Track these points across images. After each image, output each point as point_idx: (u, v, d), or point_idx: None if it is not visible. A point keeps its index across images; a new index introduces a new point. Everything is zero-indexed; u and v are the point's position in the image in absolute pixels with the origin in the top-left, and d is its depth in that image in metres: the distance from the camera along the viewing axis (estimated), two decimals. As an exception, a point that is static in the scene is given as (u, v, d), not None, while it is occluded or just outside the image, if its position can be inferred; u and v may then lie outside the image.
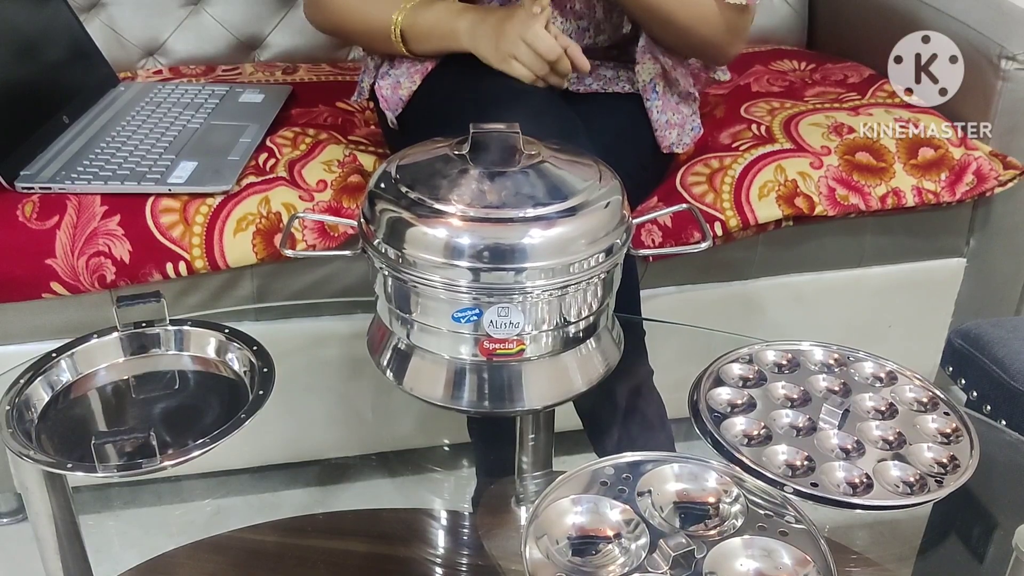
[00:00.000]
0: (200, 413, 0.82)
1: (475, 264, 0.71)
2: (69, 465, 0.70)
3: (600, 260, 0.74)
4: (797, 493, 0.70)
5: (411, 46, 1.16)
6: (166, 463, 0.69)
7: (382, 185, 0.77)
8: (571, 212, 0.73)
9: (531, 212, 0.72)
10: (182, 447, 0.71)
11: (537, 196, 0.74)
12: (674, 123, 1.25)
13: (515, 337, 0.74)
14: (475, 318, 0.73)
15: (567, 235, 0.72)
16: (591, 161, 0.81)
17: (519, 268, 0.71)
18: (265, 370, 0.79)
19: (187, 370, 0.84)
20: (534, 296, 0.72)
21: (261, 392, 0.77)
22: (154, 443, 0.68)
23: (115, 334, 0.83)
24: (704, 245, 0.83)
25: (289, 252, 0.84)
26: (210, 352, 0.84)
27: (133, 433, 0.68)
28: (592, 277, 0.74)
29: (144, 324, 0.84)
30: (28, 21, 1.32)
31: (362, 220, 0.78)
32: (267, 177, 1.21)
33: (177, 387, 0.84)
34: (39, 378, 0.79)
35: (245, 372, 0.81)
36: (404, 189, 0.75)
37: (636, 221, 0.83)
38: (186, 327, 0.84)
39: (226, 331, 0.84)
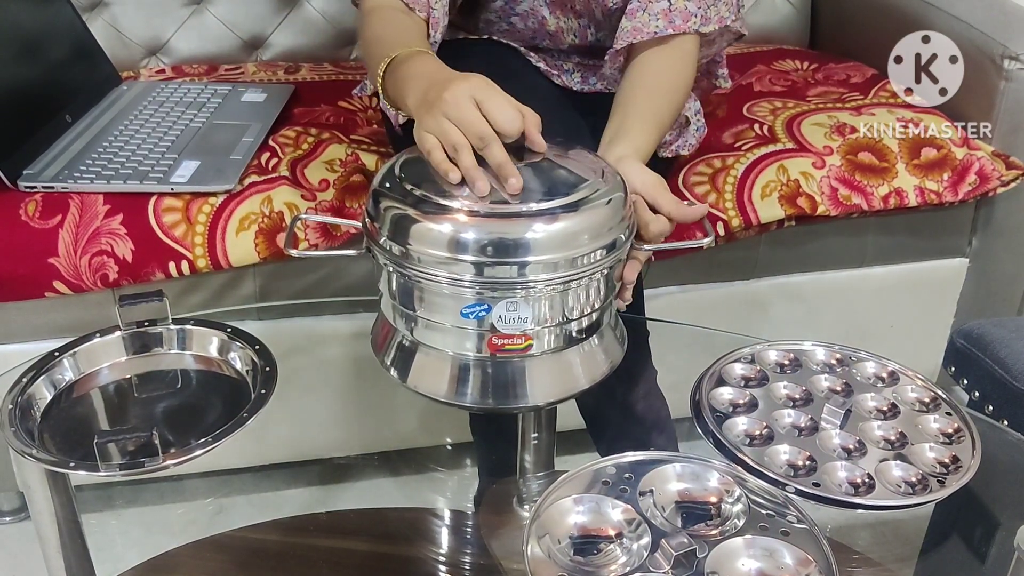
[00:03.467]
0: (202, 412, 0.82)
1: (479, 259, 0.71)
2: (71, 464, 0.70)
3: (603, 255, 0.74)
4: (799, 493, 0.70)
5: (388, 93, 0.99)
6: (168, 462, 0.69)
7: (387, 184, 0.77)
8: (574, 207, 0.73)
9: (535, 207, 0.72)
10: (184, 446, 0.71)
11: (540, 191, 0.74)
12: (667, 141, 1.25)
13: (523, 332, 0.74)
14: (484, 314, 0.73)
15: (570, 229, 0.73)
16: (595, 158, 0.81)
17: (523, 262, 0.71)
18: (267, 369, 0.79)
19: (189, 369, 0.84)
20: (537, 291, 0.72)
21: (263, 391, 0.77)
22: (156, 442, 0.68)
23: (117, 333, 0.83)
24: (707, 241, 0.83)
25: (294, 252, 0.84)
26: (212, 351, 0.84)
27: (136, 432, 0.68)
28: (595, 272, 0.74)
29: (146, 323, 0.84)
30: (31, 20, 1.32)
31: (366, 218, 0.78)
32: (269, 176, 1.21)
33: (179, 386, 0.84)
34: (41, 377, 0.79)
35: (247, 371, 0.81)
36: (408, 186, 0.75)
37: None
38: (188, 326, 0.85)
39: (228, 330, 0.84)
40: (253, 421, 0.74)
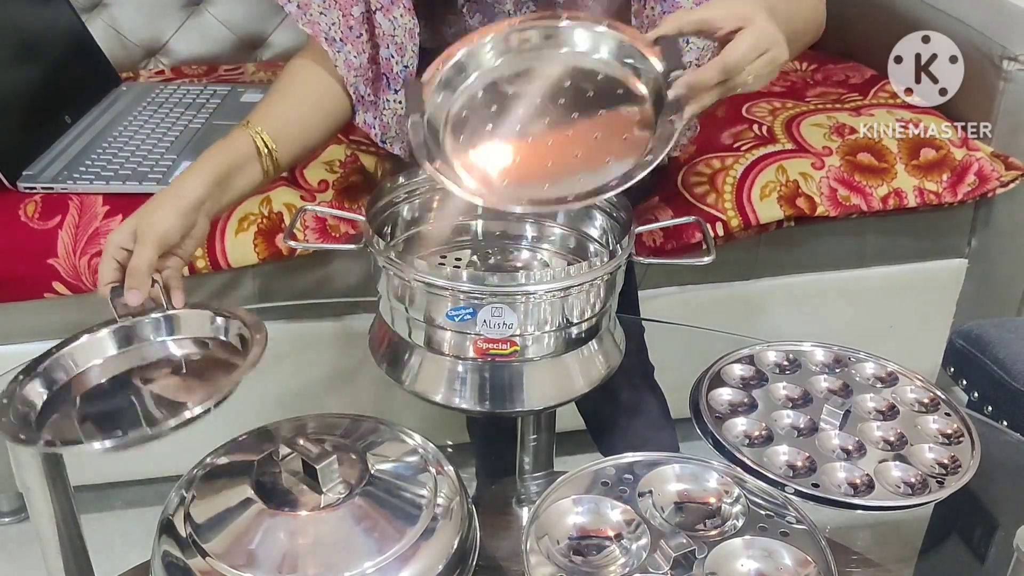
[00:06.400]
0: (198, 388, 0.81)
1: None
2: (63, 442, 0.69)
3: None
4: (798, 494, 0.70)
5: None
6: (167, 424, 0.68)
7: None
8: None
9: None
10: (178, 413, 0.70)
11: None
12: None
13: (509, 337, 0.74)
14: (469, 317, 0.73)
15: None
16: None
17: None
18: (257, 336, 0.78)
19: (183, 352, 0.83)
20: (537, 297, 0.72)
21: (256, 354, 0.75)
22: (151, 409, 0.67)
23: (111, 325, 0.83)
24: (707, 260, 0.82)
25: (293, 243, 0.84)
26: (204, 331, 0.83)
27: (127, 407, 0.67)
28: (595, 279, 0.74)
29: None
30: (30, 21, 1.32)
31: (367, 219, 0.78)
32: (269, 177, 1.21)
33: (172, 370, 0.83)
34: (37, 374, 0.78)
35: (238, 341, 0.80)
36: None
37: (641, 229, 0.83)
38: (180, 311, 0.84)
39: (216, 310, 0.83)
40: (245, 383, 0.72)
